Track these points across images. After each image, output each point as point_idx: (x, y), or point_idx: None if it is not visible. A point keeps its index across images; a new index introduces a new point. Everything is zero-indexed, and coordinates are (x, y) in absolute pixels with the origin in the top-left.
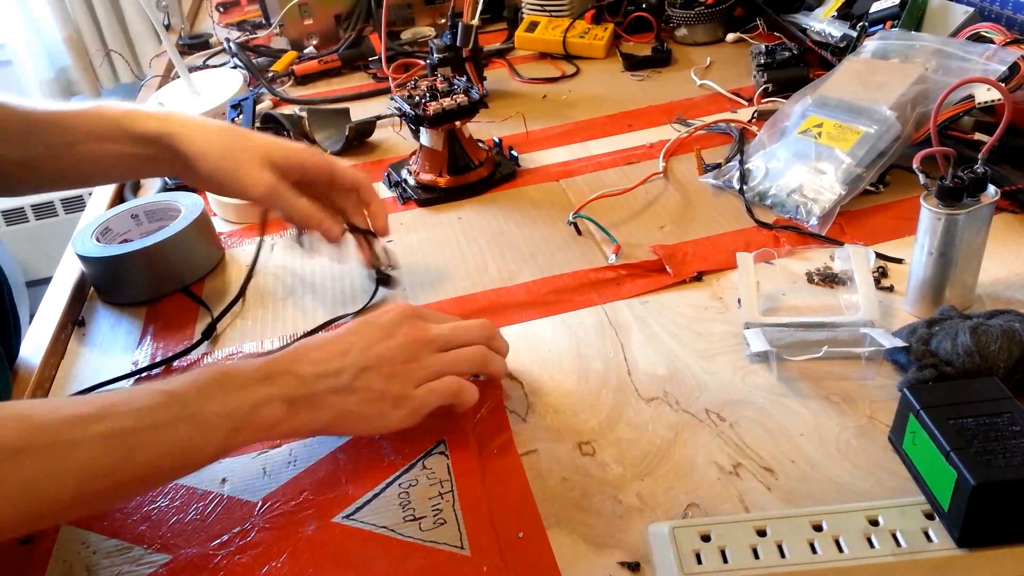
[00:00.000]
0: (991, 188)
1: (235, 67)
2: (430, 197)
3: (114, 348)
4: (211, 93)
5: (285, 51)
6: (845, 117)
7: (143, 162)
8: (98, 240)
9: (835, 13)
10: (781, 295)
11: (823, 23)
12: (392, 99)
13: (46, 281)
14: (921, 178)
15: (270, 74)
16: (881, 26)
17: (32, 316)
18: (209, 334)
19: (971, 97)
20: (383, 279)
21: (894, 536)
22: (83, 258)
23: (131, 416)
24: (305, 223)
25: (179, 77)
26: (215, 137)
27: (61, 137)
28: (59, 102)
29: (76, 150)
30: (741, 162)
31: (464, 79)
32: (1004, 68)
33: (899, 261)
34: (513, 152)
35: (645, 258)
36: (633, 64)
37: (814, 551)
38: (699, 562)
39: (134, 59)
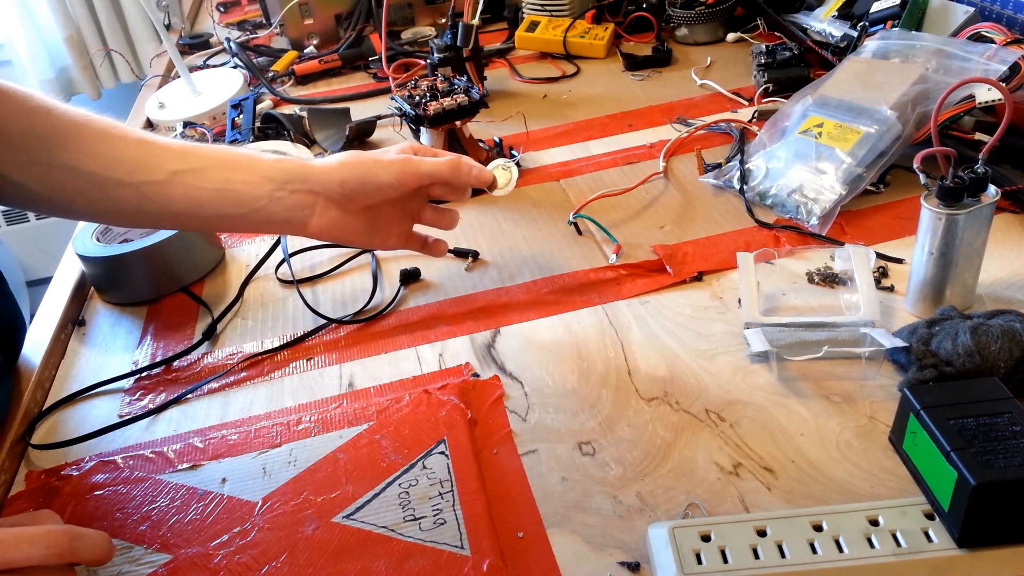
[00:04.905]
0: (991, 188)
1: (235, 67)
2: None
3: (114, 348)
4: (211, 93)
5: (285, 51)
6: (846, 117)
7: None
8: (98, 240)
9: (835, 13)
10: (781, 295)
11: (824, 23)
12: (392, 99)
13: (46, 281)
14: (922, 178)
15: (270, 74)
16: (881, 26)
17: (32, 316)
18: (210, 334)
19: (972, 97)
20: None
21: (894, 536)
22: (83, 258)
23: None
24: (455, 168)
25: (179, 77)
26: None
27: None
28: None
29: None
30: (741, 162)
31: (464, 79)
32: (1004, 68)
33: (899, 261)
34: (513, 152)
35: (645, 258)
36: (633, 64)
37: (814, 551)
38: (699, 562)
39: (134, 59)
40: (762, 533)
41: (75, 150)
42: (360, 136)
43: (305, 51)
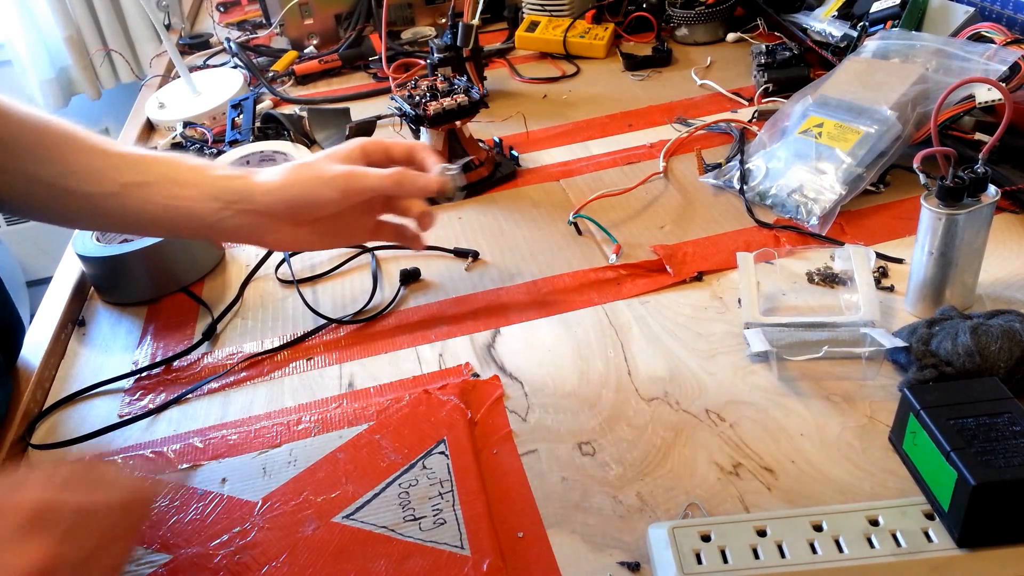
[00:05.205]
0: (991, 188)
1: (235, 67)
2: (430, 197)
3: (114, 348)
4: (211, 93)
5: (285, 51)
6: (846, 117)
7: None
8: (98, 240)
9: (836, 13)
10: (781, 295)
11: (824, 23)
12: (392, 99)
13: (46, 281)
14: (922, 178)
15: (270, 74)
16: (881, 26)
17: (32, 316)
18: (210, 334)
19: (972, 97)
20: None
21: (894, 536)
22: (83, 258)
23: None
24: (398, 182)
25: (179, 77)
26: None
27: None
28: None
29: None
30: (741, 162)
31: (464, 79)
32: (1004, 68)
33: (899, 261)
34: (513, 152)
35: (645, 258)
36: (633, 64)
37: (814, 551)
38: (699, 562)
39: (134, 59)
40: (762, 533)
41: (35, 158)
42: (360, 136)
43: (305, 51)
